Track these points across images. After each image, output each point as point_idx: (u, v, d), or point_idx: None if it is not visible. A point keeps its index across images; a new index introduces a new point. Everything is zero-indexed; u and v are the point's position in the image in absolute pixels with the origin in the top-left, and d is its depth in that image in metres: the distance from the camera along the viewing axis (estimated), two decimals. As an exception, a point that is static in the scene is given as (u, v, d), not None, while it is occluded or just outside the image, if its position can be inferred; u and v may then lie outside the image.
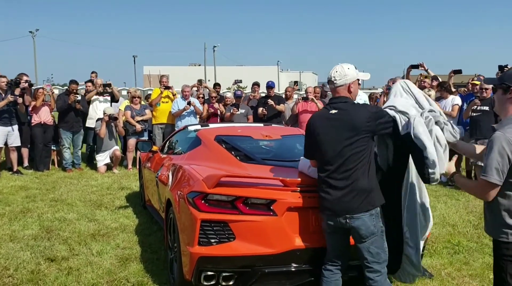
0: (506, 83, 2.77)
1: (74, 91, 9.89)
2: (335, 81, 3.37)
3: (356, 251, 3.32)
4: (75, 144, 10.17)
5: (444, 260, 4.89)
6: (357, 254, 3.32)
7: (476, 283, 4.35)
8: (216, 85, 11.97)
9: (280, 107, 9.86)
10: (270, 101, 9.69)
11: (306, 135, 3.50)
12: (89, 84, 10.85)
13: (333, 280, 3.40)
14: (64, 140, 9.96)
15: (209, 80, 45.11)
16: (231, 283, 3.55)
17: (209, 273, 3.53)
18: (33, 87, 10.06)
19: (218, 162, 4.39)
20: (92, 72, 11.71)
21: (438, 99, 8.57)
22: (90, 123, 10.46)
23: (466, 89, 9.50)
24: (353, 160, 3.19)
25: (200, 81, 11.48)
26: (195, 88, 11.19)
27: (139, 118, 10.13)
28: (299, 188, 3.57)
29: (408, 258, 3.60)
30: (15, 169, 9.45)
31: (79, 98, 9.89)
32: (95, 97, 10.50)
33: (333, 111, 3.31)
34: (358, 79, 3.45)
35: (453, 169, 3.21)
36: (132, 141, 10.03)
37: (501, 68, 8.41)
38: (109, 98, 10.70)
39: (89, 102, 10.62)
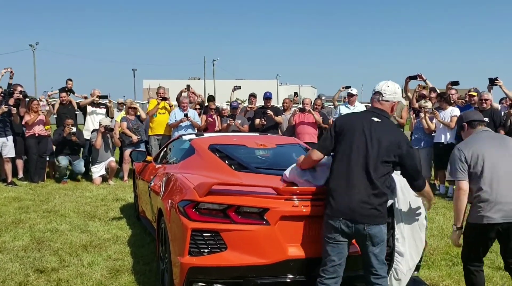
0: None
1: (69, 124, 9.80)
2: (384, 94, 3.40)
3: (363, 259, 3.29)
4: (75, 168, 10.05)
5: (442, 272, 4.79)
6: (363, 262, 3.29)
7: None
8: (210, 99, 11.44)
9: (279, 118, 9.81)
10: (269, 112, 9.63)
11: (333, 129, 3.40)
12: (63, 94, 10.79)
13: None
14: (61, 160, 9.83)
15: (208, 94, 45.09)
16: (222, 294, 3.45)
17: (200, 284, 3.44)
18: (27, 99, 9.99)
19: (211, 171, 4.31)
20: (69, 79, 11.70)
21: (437, 110, 8.52)
22: (86, 134, 10.42)
23: (463, 101, 9.45)
24: (382, 169, 3.22)
25: (188, 87, 11.25)
26: (184, 93, 11.01)
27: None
28: (293, 197, 3.48)
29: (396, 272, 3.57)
30: (9, 180, 9.35)
31: (74, 130, 9.77)
32: (93, 109, 10.49)
33: (376, 119, 3.32)
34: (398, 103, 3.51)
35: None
36: (128, 152, 9.93)
37: (491, 80, 8.37)
38: (104, 110, 10.70)
39: (82, 109, 10.62)
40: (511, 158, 3.54)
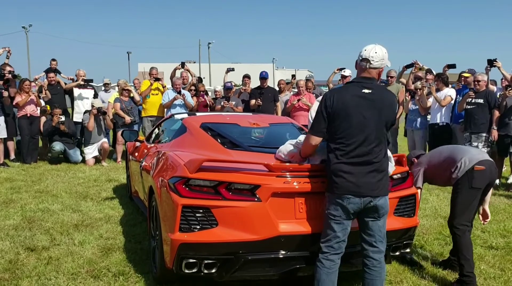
0: None
1: (58, 113, 9.67)
2: (372, 61, 3.20)
3: (364, 232, 3.26)
4: (72, 158, 9.95)
5: (435, 252, 4.79)
6: (365, 236, 3.26)
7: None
8: (199, 81, 11.28)
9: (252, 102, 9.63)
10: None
11: (324, 110, 3.22)
12: (52, 75, 10.68)
13: (334, 271, 3.24)
14: (55, 145, 9.73)
15: (204, 77, 44.84)
16: (213, 270, 3.42)
17: (191, 260, 3.40)
18: (17, 80, 9.90)
19: (203, 149, 4.26)
20: (52, 60, 11.56)
21: (436, 91, 8.50)
22: (77, 117, 10.38)
23: (458, 83, 9.40)
24: (382, 141, 3.19)
25: (182, 64, 11.04)
26: (178, 71, 10.88)
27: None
28: (284, 173, 3.44)
29: None
30: (1, 162, 9.28)
31: (63, 119, 9.65)
32: (78, 91, 10.43)
33: (366, 91, 3.19)
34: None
35: None
36: (120, 132, 9.87)
37: (490, 62, 8.31)
38: (92, 91, 10.65)
39: (69, 92, 10.53)
40: None
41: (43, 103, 10.31)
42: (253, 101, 9.59)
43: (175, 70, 10.83)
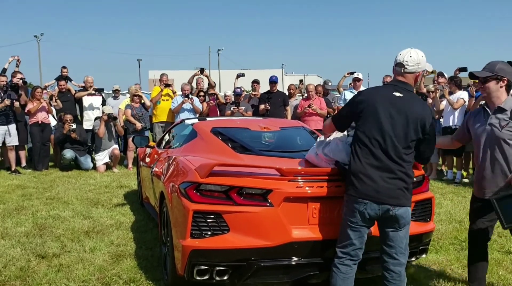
0: (499, 74, 3.37)
1: (68, 120, 9.70)
2: (406, 65, 3.12)
3: (384, 244, 3.13)
4: (83, 166, 9.96)
5: (450, 256, 4.69)
6: (385, 247, 3.13)
7: (485, 280, 4.13)
8: (210, 88, 11.33)
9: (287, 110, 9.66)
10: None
11: (353, 106, 3.17)
12: (63, 82, 10.74)
13: (350, 276, 3.16)
14: (67, 153, 9.74)
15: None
16: (225, 277, 3.36)
17: (202, 267, 3.34)
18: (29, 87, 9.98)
19: (214, 153, 4.21)
20: (63, 67, 11.63)
21: (449, 94, 8.43)
22: (86, 125, 10.42)
23: (472, 86, 9.27)
24: (408, 149, 3.06)
25: (202, 70, 11.04)
26: (196, 77, 10.95)
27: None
28: (297, 178, 3.38)
29: None
30: (13, 169, 9.32)
31: (74, 126, 9.68)
32: (87, 99, 10.49)
33: (398, 94, 3.09)
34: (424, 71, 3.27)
35: None
36: (131, 139, 9.88)
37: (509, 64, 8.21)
38: (100, 98, 10.70)
39: (78, 101, 10.60)
40: None
41: (54, 111, 10.37)
42: (262, 106, 9.55)
43: (193, 76, 10.87)
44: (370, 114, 3.07)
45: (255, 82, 10.52)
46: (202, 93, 10.46)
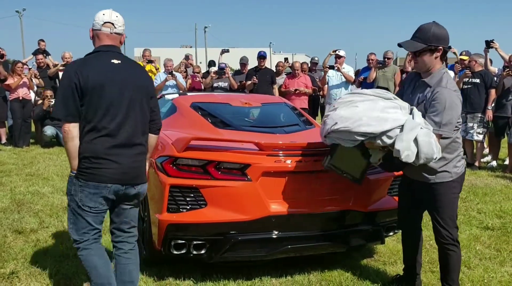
0: (433, 44, 2.94)
1: (48, 96, 9.49)
2: (116, 26, 2.84)
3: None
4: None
5: (430, 232, 4.68)
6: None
7: (462, 254, 4.17)
8: (211, 65, 11.35)
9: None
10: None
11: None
12: (40, 56, 10.45)
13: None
14: (47, 130, 9.57)
15: (200, 62, 44.57)
16: (202, 252, 3.35)
17: (179, 241, 3.33)
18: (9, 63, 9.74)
19: (193, 128, 4.15)
20: (41, 40, 11.32)
21: None
22: None
23: (459, 65, 9.24)
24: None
25: (187, 57, 11.00)
26: (183, 64, 10.83)
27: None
28: (275, 152, 3.35)
29: None
30: (-8, 145, 9.16)
31: (54, 102, 9.49)
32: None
33: (116, 61, 2.81)
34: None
35: None
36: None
37: (487, 43, 8.16)
38: None
39: (54, 78, 10.37)
40: None
41: (35, 87, 10.16)
42: (249, 82, 9.29)
43: (180, 64, 10.80)
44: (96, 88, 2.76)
45: (243, 62, 10.17)
46: (184, 70, 10.30)
